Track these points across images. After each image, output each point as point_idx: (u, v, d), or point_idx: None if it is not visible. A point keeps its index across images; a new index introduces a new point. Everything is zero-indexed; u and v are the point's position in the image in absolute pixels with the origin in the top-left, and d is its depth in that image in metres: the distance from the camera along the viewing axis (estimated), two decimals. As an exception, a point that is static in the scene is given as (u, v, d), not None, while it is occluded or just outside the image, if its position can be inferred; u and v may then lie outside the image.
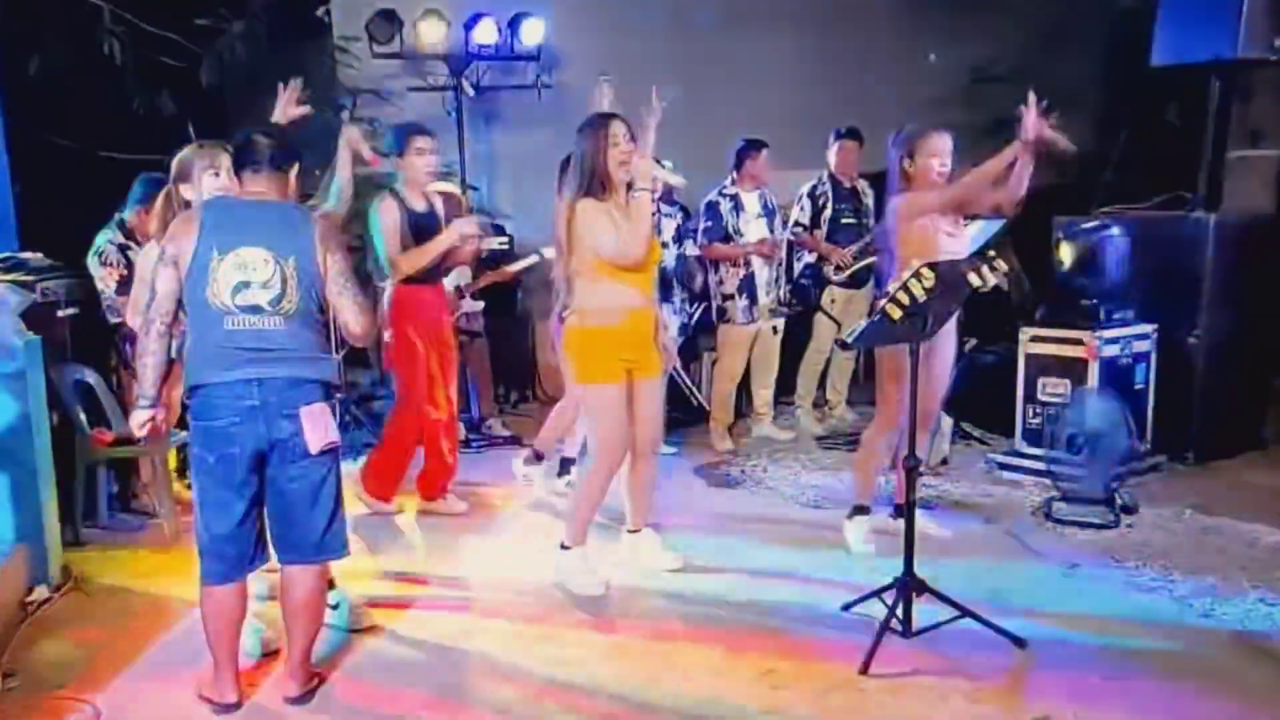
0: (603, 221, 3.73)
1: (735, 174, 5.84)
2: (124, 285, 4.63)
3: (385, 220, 4.50)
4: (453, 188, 3.95)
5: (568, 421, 4.98)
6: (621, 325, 3.82)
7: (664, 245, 5.21)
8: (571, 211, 3.76)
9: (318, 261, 2.95)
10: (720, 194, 5.81)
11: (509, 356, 7.04)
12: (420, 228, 4.56)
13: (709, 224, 5.76)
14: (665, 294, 5.63)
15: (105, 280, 4.70)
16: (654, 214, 5.45)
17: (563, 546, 3.98)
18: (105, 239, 4.75)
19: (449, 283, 5.96)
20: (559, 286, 3.93)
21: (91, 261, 4.74)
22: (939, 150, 4.16)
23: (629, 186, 3.77)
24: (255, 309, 2.88)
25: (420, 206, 4.62)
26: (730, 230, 5.76)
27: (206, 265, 2.87)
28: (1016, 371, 5.38)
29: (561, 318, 3.96)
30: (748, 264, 5.76)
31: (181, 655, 3.33)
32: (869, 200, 6.27)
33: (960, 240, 4.24)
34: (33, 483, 3.91)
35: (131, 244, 4.76)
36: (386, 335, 4.67)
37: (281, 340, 2.91)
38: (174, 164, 3.63)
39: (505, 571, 4.17)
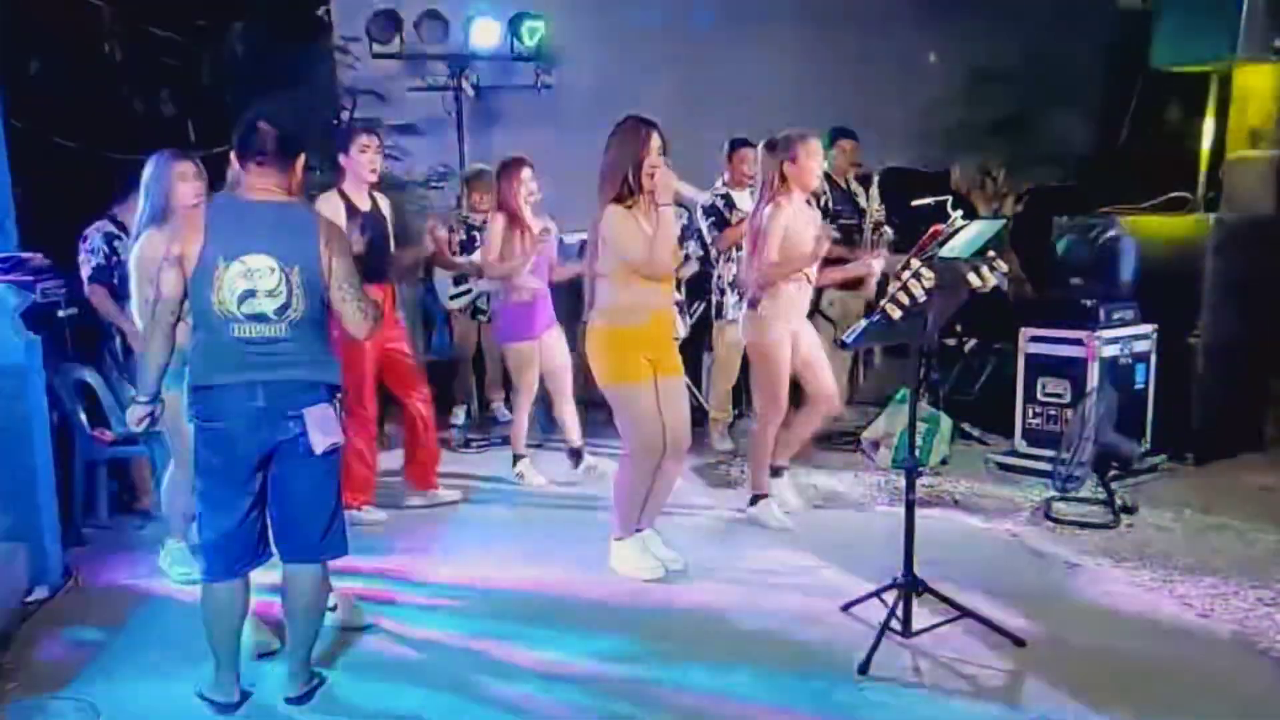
0: (630, 230, 3.79)
1: (726, 174, 5.86)
2: (98, 274, 4.63)
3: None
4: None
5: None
6: (647, 325, 3.89)
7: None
8: (600, 216, 3.83)
9: (322, 266, 2.93)
10: (713, 194, 5.83)
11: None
12: (361, 229, 4.53)
13: (713, 219, 5.78)
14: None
15: (83, 266, 4.67)
16: None
17: (616, 538, 4.07)
18: (95, 227, 4.74)
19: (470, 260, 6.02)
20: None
21: (80, 248, 4.73)
22: (819, 154, 4.45)
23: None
24: (261, 317, 2.87)
25: (364, 207, 4.62)
26: (731, 223, 5.77)
27: (212, 272, 2.85)
28: (1016, 371, 5.38)
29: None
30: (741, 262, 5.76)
31: (181, 655, 3.33)
32: (863, 200, 6.27)
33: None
34: (33, 483, 3.91)
35: (122, 234, 4.75)
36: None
37: (287, 346, 2.90)
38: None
39: (505, 571, 4.16)
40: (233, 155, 3.04)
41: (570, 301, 5.20)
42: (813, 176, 4.44)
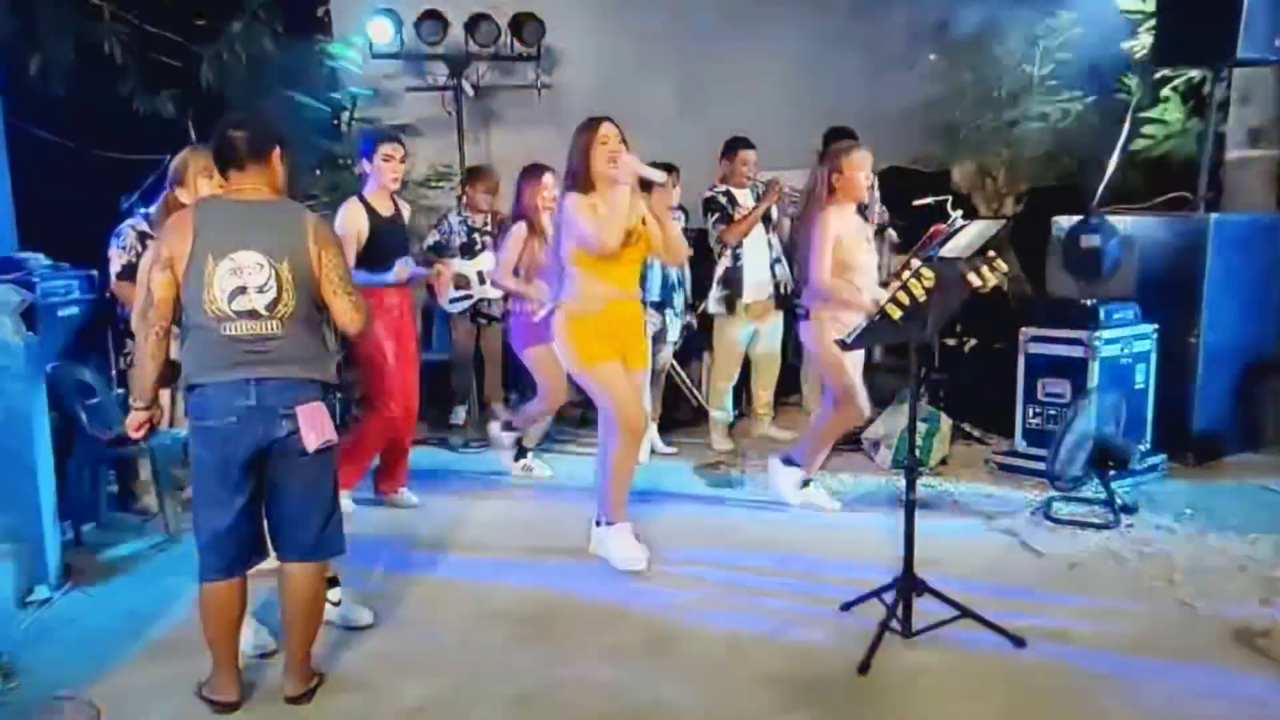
0: (584, 214, 3.88)
1: (723, 174, 5.87)
2: (127, 271, 4.62)
3: (345, 227, 4.51)
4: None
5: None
6: (602, 313, 3.97)
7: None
8: (558, 205, 3.97)
9: (312, 261, 2.94)
10: (713, 190, 5.84)
11: (509, 357, 7.04)
12: (384, 234, 4.56)
13: (715, 215, 5.78)
14: (667, 297, 5.64)
15: (114, 261, 4.66)
16: None
17: (602, 523, 4.11)
18: (128, 224, 4.71)
19: (471, 268, 6.03)
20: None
21: (111, 244, 4.71)
22: (864, 166, 4.45)
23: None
24: (252, 314, 2.88)
25: (386, 212, 4.64)
26: (735, 218, 5.78)
27: (202, 271, 2.85)
28: (1016, 371, 5.38)
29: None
30: (737, 259, 5.76)
31: (181, 654, 3.33)
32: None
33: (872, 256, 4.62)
34: (33, 483, 3.91)
35: (155, 234, 4.74)
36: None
37: (279, 343, 2.90)
38: (170, 169, 3.63)
39: (505, 570, 4.17)
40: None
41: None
42: (860, 188, 4.46)
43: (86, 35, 6.22)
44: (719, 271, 5.79)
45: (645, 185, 4.13)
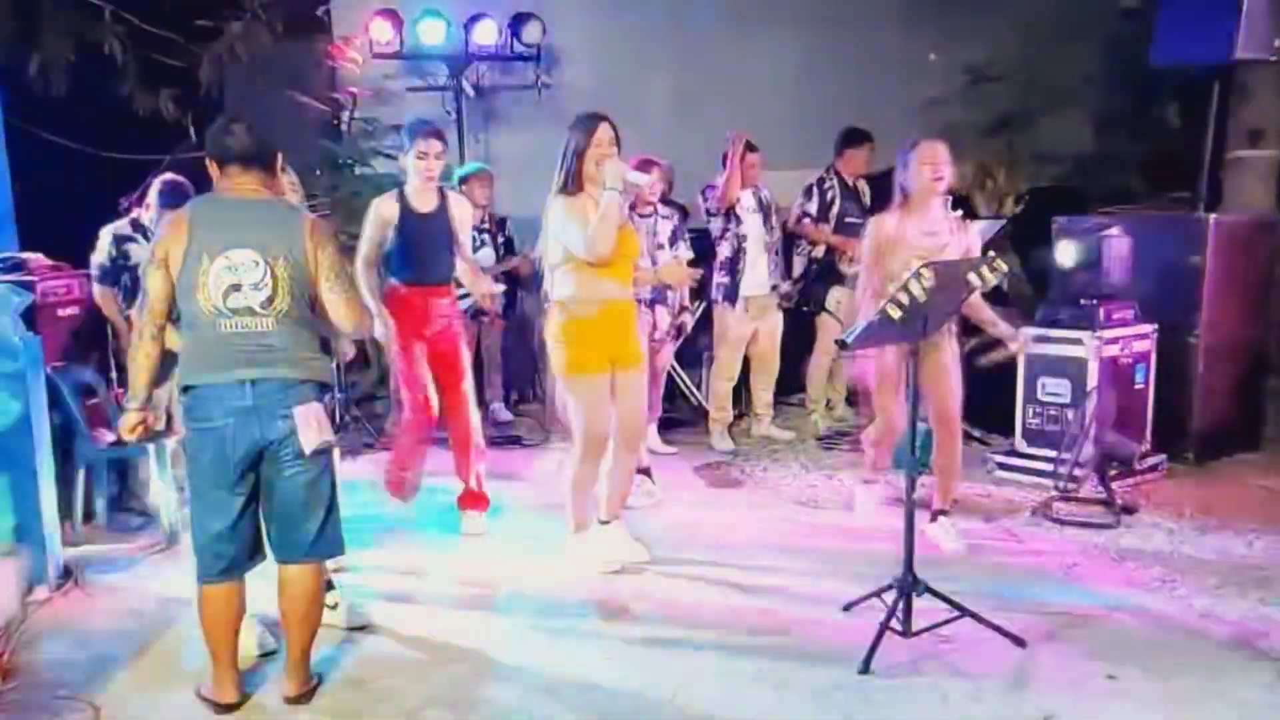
0: (574, 219, 3.84)
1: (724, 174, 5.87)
2: (103, 274, 4.65)
3: (370, 216, 4.47)
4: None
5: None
6: (599, 316, 3.92)
7: (660, 247, 5.22)
8: (548, 208, 3.91)
9: (308, 259, 2.93)
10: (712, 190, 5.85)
11: (509, 356, 7.04)
12: (418, 229, 4.52)
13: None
14: (658, 294, 5.63)
15: (92, 267, 4.71)
16: (650, 215, 5.48)
17: (570, 531, 4.11)
18: (107, 227, 4.75)
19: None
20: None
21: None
22: (930, 158, 4.18)
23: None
24: (247, 311, 2.87)
25: (426, 208, 4.57)
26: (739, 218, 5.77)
27: (196, 268, 2.85)
28: (1016, 371, 5.38)
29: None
30: (739, 251, 5.75)
31: (181, 655, 3.33)
32: (867, 198, 6.27)
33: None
34: (33, 483, 3.91)
35: (139, 237, 4.76)
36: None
37: (275, 342, 2.90)
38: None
39: (505, 571, 4.17)
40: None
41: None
42: (926, 185, 4.15)
43: (86, 35, 6.22)
44: (719, 260, 5.78)
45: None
